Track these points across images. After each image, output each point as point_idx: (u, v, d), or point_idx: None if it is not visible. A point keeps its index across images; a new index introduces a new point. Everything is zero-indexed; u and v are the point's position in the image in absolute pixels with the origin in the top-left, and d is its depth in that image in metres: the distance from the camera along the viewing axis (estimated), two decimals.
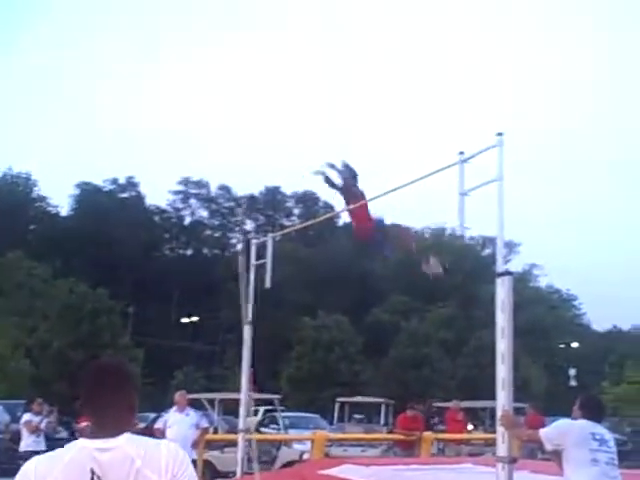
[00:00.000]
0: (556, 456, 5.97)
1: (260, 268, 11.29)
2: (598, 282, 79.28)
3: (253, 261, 11.52)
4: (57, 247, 59.23)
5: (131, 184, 74.07)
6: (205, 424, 11.05)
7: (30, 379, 36.76)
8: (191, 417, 10.91)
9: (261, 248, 11.93)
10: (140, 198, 74.07)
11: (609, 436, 5.82)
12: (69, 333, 41.20)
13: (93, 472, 2.57)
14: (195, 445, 11.02)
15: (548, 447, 5.94)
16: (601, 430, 5.79)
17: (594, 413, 5.96)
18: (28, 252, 51.83)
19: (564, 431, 5.85)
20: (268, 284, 10.74)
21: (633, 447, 25.57)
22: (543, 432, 5.94)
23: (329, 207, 56.66)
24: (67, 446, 2.66)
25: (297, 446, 15.81)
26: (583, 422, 5.86)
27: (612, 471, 5.65)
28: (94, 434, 2.65)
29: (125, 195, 73.89)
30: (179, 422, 10.82)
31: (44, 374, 38.04)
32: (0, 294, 45.50)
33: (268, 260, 10.93)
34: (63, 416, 21.33)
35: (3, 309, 43.11)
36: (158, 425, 11.01)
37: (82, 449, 2.61)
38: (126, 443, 2.63)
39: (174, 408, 11.07)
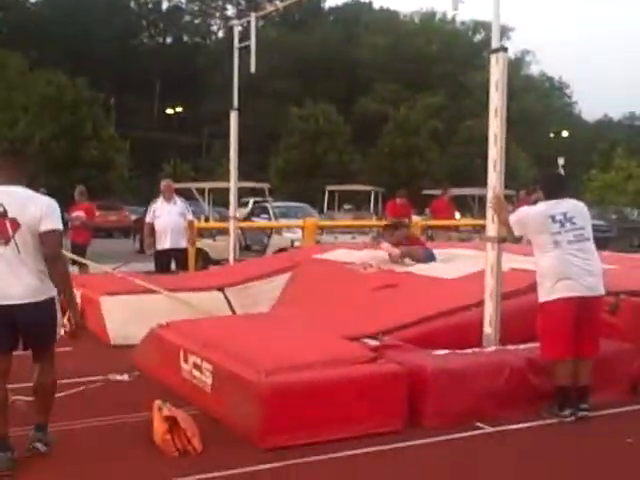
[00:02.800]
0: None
1: (244, 53, 10.80)
2: (592, 69, 77.72)
3: (236, 44, 11.01)
4: (30, 36, 56.67)
5: None
6: (190, 216, 10.90)
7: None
8: (178, 206, 10.74)
9: (244, 33, 11.35)
10: None
11: (574, 212, 5.57)
12: (50, 125, 40.54)
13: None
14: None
15: (517, 234, 5.88)
16: (563, 209, 5.55)
17: (553, 189, 5.72)
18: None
19: (523, 220, 5.72)
20: (253, 68, 10.32)
21: (618, 233, 26.24)
22: (510, 221, 5.85)
23: None
24: None
25: (288, 234, 16.02)
26: (540, 207, 5.66)
27: (579, 246, 5.49)
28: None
29: None
30: (167, 212, 10.65)
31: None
32: None
33: (252, 42, 10.42)
34: None
35: None
36: (148, 218, 10.87)
37: None
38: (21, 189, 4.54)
39: (161, 198, 10.88)
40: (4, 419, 4.46)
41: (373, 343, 5.71)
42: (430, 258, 8.52)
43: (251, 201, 24.79)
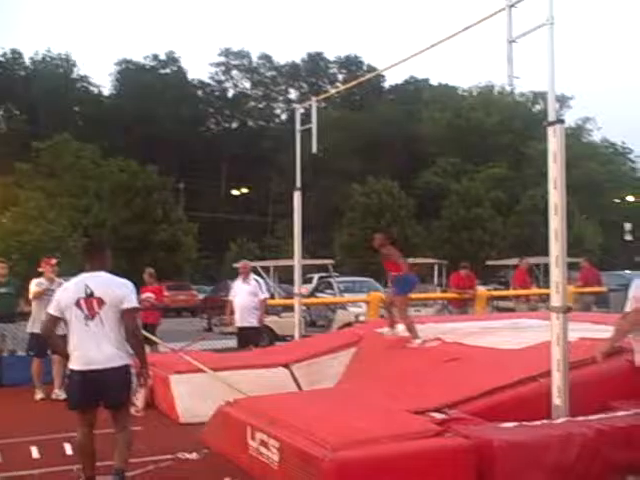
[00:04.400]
0: None
1: (306, 134, 11.12)
2: None
3: (298, 127, 11.34)
4: (103, 127, 59.38)
5: (172, 59, 73.12)
6: (262, 295, 11.11)
7: None
8: (251, 285, 11.05)
9: (306, 115, 11.69)
10: (182, 73, 73.21)
11: None
12: (122, 211, 42.02)
13: (86, 285, 5.37)
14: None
15: None
16: None
17: None
18: (75, 134, 52.17)
19: None
20: (314, 149, 10.59)
21: None
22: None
23: (373, 70, 55.14)
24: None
25: (353, 309, 16.06)
26: None
27: None
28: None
29: (167, 71, 73.05)
30: (240, 290, 11.05)
31: None
32: (52, 176, 46.24)
33: (313, 125, 10.73)
34: None
35: (56, 191, 43.95)
36: (230, 296, 11.25)
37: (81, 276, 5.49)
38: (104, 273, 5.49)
39: (240, 277, 11.27)
40: (91, 463, 5.38)
41: (439, 417, 5.65)
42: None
43: (316, 277, 24.96)
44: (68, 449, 6.67)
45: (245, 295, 10.94)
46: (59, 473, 5.92)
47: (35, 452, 6.77)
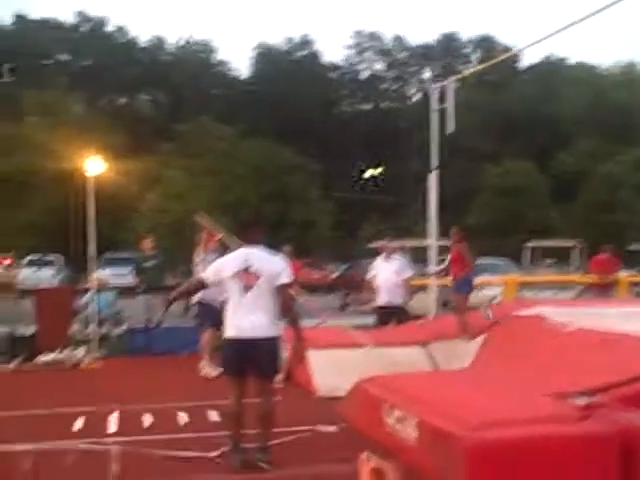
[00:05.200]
0: None
1: (440, 115, 11.05)
2: None
3: (434, 107, 11.29)
4: (240, 109, 60.98)
5: (306, 42, 73.92)
6: (407, 273, 10.97)
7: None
8: (394, 264, 10.95)
9: (440, 95, 11.59)
10: (316, 56, 73.88)
11: None
12: (260, 190, 43.26)
13: (246, 259, 5.60)
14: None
15: None
16: None
17: None
18: (215, 116, 53.91)
19: None
20: (451, 128, 10.51)
21: None
22: None
23: (508, 50, 53.59)
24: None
25: (487, 292, 15.79)
26: None
27: None
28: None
29: (301, 54, 73.96)
30: (383, 269, 10.98)
31: None
32: (194, 157, 48.03)
33: (449, 104, 10.67)
34: None
35: (198, 170, 45.67)
36: (368, 275, 11.30)
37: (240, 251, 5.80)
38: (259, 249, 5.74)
39: (381, 256, 11.25)
40: (241, 427, 5.61)
41: (583, 401, 5.51)
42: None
43: (448, 257, 24.69)
44: (212, 416, 7.00)
45: (388, 274, 10.83)
46: (204, 438, 6.21)
47: (182, 417, 7.15)
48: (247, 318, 5.49)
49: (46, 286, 20.39)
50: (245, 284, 5.53)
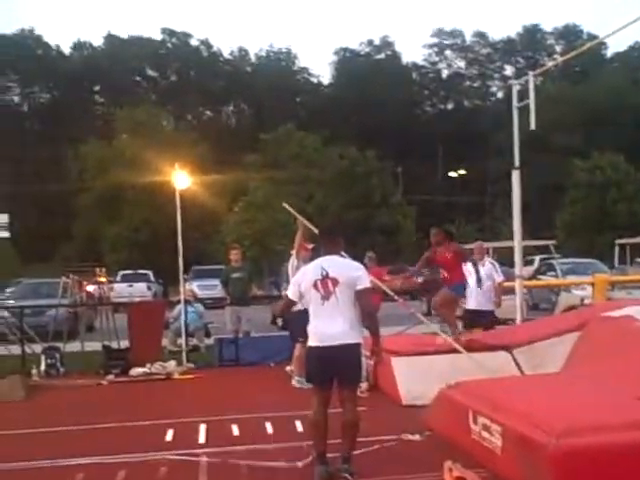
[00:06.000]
0: None
1: (523, 111, 10.85)
2: None
3: (515, 104, 11.09)
4: (324, 116, 61.42)
5: (386, 44, 73.91)
6: (499, 277, 10.72)
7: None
8: (486, 267, 10.71)
9: (523, 91, 11.37)
10: (396, 57, 73.76)
11: None
12: (343, 196, 43.34)
13: (322, 267, 5.61)
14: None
15: None
16: None
17: None
18: (298, 124, 54.46)
19: None
20: (533, 126, 10.29)
21: None
22: None
23: (594, 38, 52.06)
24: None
25: (577, 292, 15.41)
26: None
27: None
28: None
29: (382, 56, 73.94)
30: (473, 273, 10.68)
31: None
32: (278, 166, 48.66)
33: (531, 101, 10.44)
34: None
35: (282, 180, 46.22)
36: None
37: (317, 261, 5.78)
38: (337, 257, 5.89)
39: (471, 259, 10.98)
40: (324, 437, 5.54)
41: None
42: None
43: (537, 259, 24.18)
44: (299, 426, 7.07)
45: (479, 277, 10.62)
46: (290, 449, 6.29)
47: (269, 428, 7.27)
48: (328, 326, 5.50)
49: (138, 300, 21.05)
50: (324, 292, 5.54)
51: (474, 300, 10.60)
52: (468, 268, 10.80)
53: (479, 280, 10.60)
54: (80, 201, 48.95)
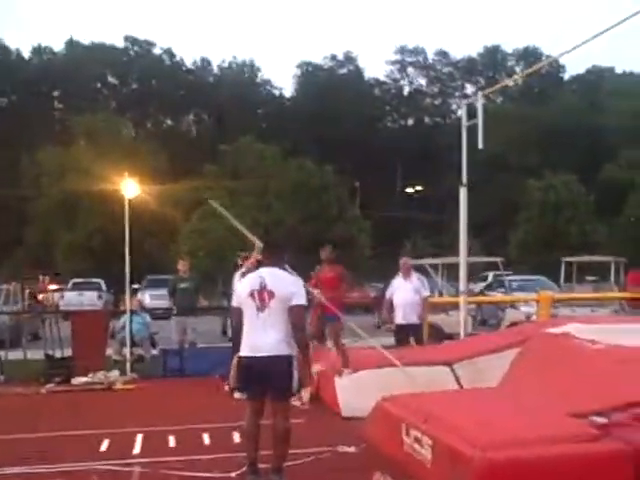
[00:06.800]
0: None
1: (474, 130, 10.98)
2: None
3: (464, 122, 11.25)
4: (284, 128, 61.47)
5: (349, 59, 74.40)
6: (425, 292, 10.98)
7: None
8: (413, 283, 10.92)
9: (472, 110, 11.49)
10: (359, 72, 74.25)
11: None
12: (300, 210, 43.34)
13: (262, 278, 5.66)
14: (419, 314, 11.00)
15: None
16: None
17: None
18: (258, 135, 54.41)
19: None
20: (480, 145, 10.46)
21: None
22: None
23: (554, 61, 53.05)
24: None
25: (524, 308, 15.64)
26: None
27: None
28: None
29: (344, 70, 74.39)
30: (402, 288, 10.92)
31: None
32: (236, 177, 48.52)
33: (479, 119, 10.58)
34: None
35: (240, 191, 46.10)
36: (387, 294, 11.23)
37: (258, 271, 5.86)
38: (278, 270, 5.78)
39: (400, 275, 11.18)
40: (255, 447, 5.61)
41: (601, 421, 5.43)
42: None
43: (491, 275, 24.49)
44: (236, 437, 7.06)
45: (407, 292, 10.80)
46: (226, 459, 6.28)
47: (206, 439, 7.24)
48: (260, 337, 5.54)
49: (85, 309, 20.77)
50: (259, 303, 5.59)
51: (401, 314, 10.75)
52: (395, 283, 11.00)
53: (405, 295, 10.78)
54: (35, 207, 48.18)
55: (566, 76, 72.01)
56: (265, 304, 5.56)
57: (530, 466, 4.76)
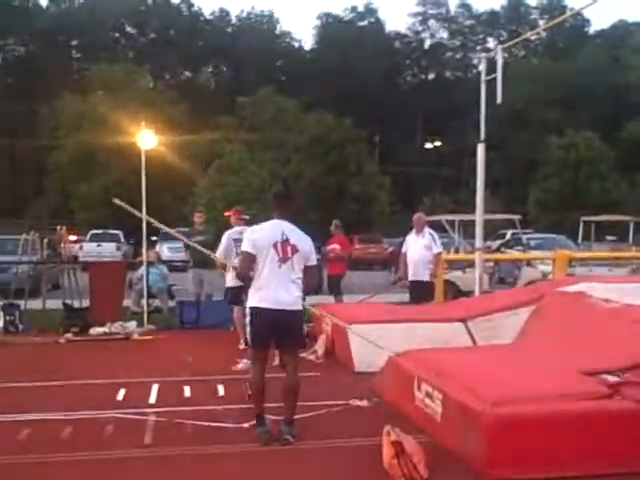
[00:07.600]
0: None
1: (494, 85, 10.81)
2: None
3: (483, 77, 11.08)
4: (304, 81, 60.95)
5: (370, 11, 73.32)
6: (436, 249, 10.85)
7: None
8: (425, 239, 10.81)
9: (504, 64, 11.25)
10: (380, 25, 73.22)
11: None
12: (319, 163, 43.18)
13: (283, 231, 5.60)
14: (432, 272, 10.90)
15: None
16: None
17: None
18: (277, 88, 54.00)
19: None
20: (499, 100, 10.30)
21: None
22: None
23: (578, 15, 51.96)
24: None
25: (541, 267, 15.56)
26: None
27: None
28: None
29: (365, 23, 73.36)
30: (414, 245, 10.86)
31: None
32: (254, 130, 48.32)
33: (498, 74, 10.42)
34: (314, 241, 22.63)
35: (259, 143, 45.95)
36: (403, 249, 11.18)
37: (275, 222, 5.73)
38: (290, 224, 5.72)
39: (413, 231, 11.10)
40: (262, 399, 5.64)
41: (612, 379, 5.46)
42: None
43: (509, 233, 24.38)
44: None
45: (419, 249, 10.71)
46: (240, 410, 6.34)
47: (221, 390, 7.33)
48: (282, 290, 5.52)
49: (104, 260, 20.95)
50: (282, 255, 5.55)
51: (412, 271, 10.72)
52: (409, 240, 10.93)
53: (417, 251, 10.72)
54: (53, 158, 48.33)
55: (591, 30, 70.67)
56: (288, 257, 5.54)
57: (538, 422, 4.82)
